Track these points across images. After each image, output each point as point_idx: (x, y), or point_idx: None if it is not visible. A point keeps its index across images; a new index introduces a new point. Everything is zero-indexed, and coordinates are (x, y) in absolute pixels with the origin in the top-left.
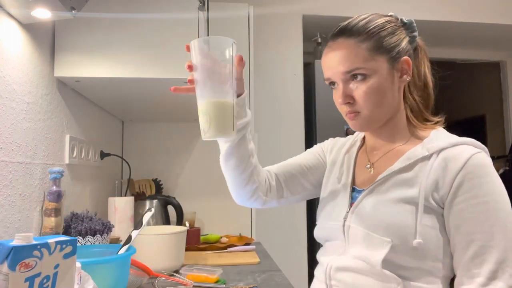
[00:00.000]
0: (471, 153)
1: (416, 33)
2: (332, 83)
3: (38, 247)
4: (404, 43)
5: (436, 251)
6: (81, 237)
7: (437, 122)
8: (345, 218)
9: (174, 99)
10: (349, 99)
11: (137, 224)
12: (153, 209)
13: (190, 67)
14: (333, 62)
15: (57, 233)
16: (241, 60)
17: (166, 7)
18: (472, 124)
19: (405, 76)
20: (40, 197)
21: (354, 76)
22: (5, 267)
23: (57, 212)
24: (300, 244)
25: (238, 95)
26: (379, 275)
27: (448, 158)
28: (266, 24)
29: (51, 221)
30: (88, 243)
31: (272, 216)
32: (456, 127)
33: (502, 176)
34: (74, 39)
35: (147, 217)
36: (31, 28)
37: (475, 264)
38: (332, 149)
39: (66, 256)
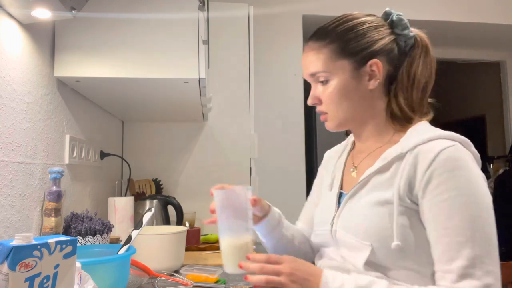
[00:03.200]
0: (442, 147)
1: (407, 31)
2: None
3: (38, 247)
4: (380, 44)
5: (418, 251)
6: (81, 237)
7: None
8: (331, 223)
9: (174, 99)
10: (316, 101)
11: (137, 224)
12: (153, 209)
13: (212, 211)
14: (304, 65)
15: (57, 233)
16: (254, 202)
17: (166, 7)
18: (472, 124)
19: (373, 81)
20: (40, 197)
21: (318, 79)
22: (5, 267)
23: (57, 212)
24: None
25: (264, 215)
26: None
27: (419, 155)
28: (266, 24)
29: (51, 221)
30: (88, 243)
31: None
32: (456, 127)
33: (502, 176)
34: (74, 39)
35: (147, 217)
36: (31, 28)
37: (445, 261)
38: (327, 163)
39: (66, 256)
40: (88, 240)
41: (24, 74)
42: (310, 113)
